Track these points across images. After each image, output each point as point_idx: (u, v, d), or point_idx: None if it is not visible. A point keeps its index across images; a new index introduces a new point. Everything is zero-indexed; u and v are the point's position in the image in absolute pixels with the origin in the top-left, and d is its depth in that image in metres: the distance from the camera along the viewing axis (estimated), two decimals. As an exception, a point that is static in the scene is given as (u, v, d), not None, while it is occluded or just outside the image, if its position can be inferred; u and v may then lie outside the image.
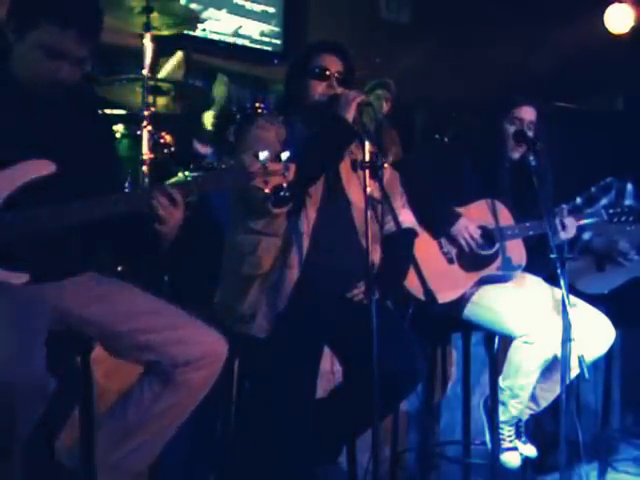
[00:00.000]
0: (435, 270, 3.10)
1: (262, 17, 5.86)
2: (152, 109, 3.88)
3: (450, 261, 3.20)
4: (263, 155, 2.27)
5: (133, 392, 2.33)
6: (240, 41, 5.75)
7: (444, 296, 3.10)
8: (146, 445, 2.33)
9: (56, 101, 2.32)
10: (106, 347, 2.36)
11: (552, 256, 2.83)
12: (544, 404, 3.26)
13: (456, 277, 3.18)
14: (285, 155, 2.31)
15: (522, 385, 3.13)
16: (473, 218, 3.20)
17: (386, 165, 2.80)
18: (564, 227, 3.16)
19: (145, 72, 3.89)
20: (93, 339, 2.33)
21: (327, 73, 2.74)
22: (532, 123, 3.25)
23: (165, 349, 2.27)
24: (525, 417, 3.26)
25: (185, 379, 2.28)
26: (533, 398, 3.23)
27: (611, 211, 3.27)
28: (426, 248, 3.12)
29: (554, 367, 3.08)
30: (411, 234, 2.94)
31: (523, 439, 3.25)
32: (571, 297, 2.81)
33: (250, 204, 2.64)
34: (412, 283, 3.04)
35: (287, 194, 2.37)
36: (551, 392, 3.20)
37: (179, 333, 2.30)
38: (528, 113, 3.25)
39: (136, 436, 2.31)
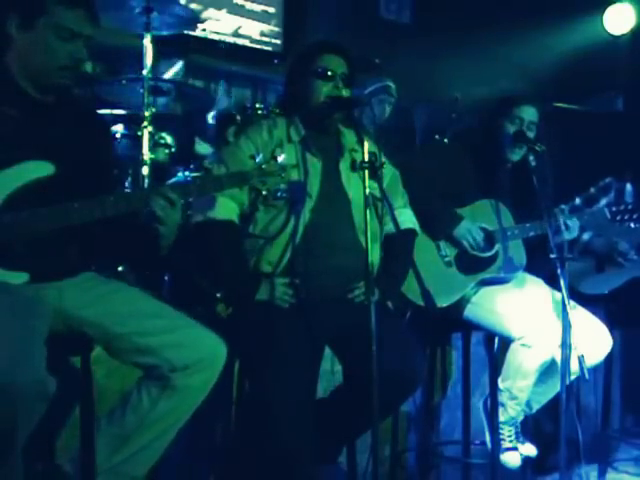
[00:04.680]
0: (433, 274, 3.09)
1: (262, 17, 5.86)
2: (152, 109, 3.89)
3: (448, 264, 3.18)
4: (259, 156, 2.29)
5: (131, 397, 2.32)
6: (240, 41, 5.74)
7: (442, 300, 3.10)
8: (146, 450, 2.32)
9: (53, 101, 2.33)
10: (106, 349, 2.36)
11: (552, 256, 2.82)
12: (536, 407, 3.25)
13: (454, 280, 3.17)
14: (281, 157, 2.32)
15: (520, 387, 3.12)
16: (477, 218, 3.19)
17: (387, 165, 2.79)
18: (567, 227, 3.14)
19: (145, 72, 3.89)
20: (93, 340, 2.33)
21: (330, 74, 2.71)
22: (533, 124, 3.22)
23: (164, 353, 2.26)
24: (520, 418, 3.25)
25: (184, 383, 2.28)
26: (526, 402, 3.22)
27: (614, 209, 3.25)
28: (424, 251, 3.10)
29: (550, 372, 3.08)
30: (411, 235, 2.93)
31: (521, 439, 3.25)
32: (571, 302, 2.79)
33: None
34: (411, 288, 3.02)
35: (285, 194, 2.39)
36: (544, 395, 3.20)
37: (178, 336, 2.29)
38: (529, 113, 3.23)
39: (135, 441, 2.31)
